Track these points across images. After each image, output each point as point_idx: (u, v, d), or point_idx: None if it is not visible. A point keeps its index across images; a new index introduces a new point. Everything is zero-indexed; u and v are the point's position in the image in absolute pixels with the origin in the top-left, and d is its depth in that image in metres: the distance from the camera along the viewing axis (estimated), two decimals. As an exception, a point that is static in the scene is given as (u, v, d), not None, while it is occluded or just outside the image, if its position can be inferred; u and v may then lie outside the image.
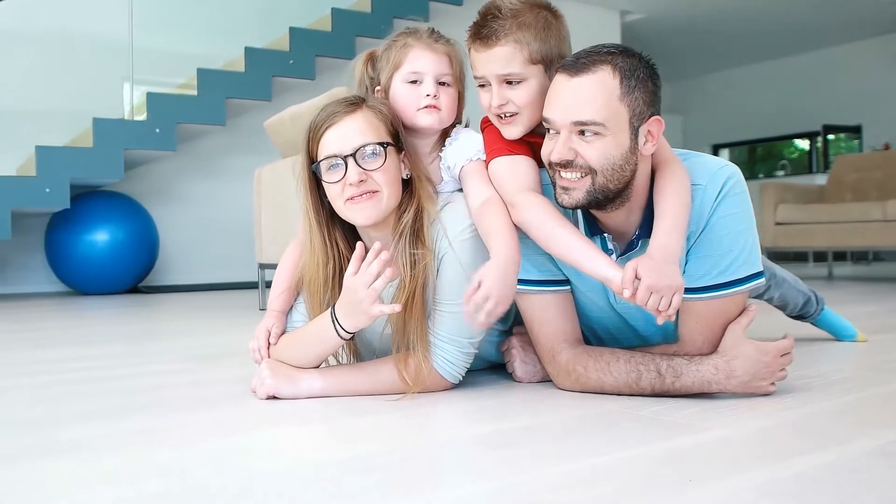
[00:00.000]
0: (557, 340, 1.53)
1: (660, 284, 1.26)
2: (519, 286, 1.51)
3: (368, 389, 1.52)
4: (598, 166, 1.35)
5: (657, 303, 1.27)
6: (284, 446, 1.22)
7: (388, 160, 1.46)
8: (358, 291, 1.40)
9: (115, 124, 4.77)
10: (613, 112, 1.34)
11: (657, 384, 1.44)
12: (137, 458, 1.14)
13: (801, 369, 1.76)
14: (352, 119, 1.46)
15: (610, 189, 1.37)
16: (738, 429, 1.24)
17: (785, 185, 5.76)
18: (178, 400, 1.58)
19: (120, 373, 1.91)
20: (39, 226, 5.01)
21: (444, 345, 1.51)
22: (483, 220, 1.44)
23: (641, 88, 1.36)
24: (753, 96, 10.00)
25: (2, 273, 5.16)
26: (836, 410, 1.37)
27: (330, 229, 1.54)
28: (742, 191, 1.44)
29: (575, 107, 1.34)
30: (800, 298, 2.07)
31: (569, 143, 1.36)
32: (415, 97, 1.53)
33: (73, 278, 4.92)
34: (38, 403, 1.56)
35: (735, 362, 1.41)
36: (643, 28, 8.31)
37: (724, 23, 8.28)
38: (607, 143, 1.34)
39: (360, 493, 0.96)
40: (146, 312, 3.77)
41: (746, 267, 1.45)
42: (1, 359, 2.20)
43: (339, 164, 1.45)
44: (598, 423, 1.30)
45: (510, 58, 1.45)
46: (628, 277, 1.27)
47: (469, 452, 1.17)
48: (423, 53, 1.53)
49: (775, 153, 10.59)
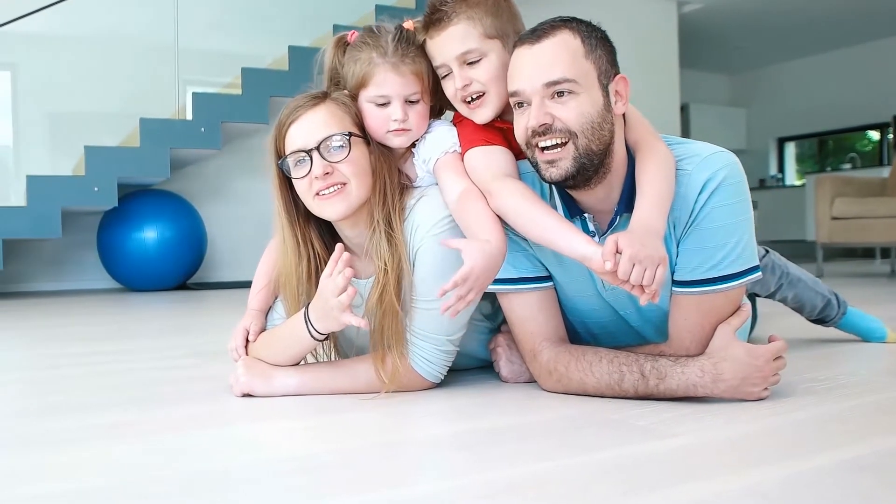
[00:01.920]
0: (538, 339, 1.47)
1: (641, 254, 1.19)
2: (497, 285, 1.47)
3: (345, 388, 1.49)
4: (577, 127, 1.31)
5: (640, 275, 1.20)
6: (249, 443, 1.21)
7: (353, 151, 1.43)
8: (328, 299, 1.37)
9: (161, 124, 4.88)
10: (581, 69, 1.31)
11: (640, 386, 1.37)
12: (91, 453, 1.13)
13: (812, 372, 1.66)
14: (314, 113, 1.44)
15: (594, 151, 1.32)
16: (706, 436, 1.16)
17: (843, 178, 5.51)
18: (159, 395, 1.58)
19: (120, 367, 1.93)
20: (92, 224, 5.16)
21: (421, 343, 1.47)
22: (464, 212, 1.39)
23: (602, 48, 1.35)
24: (819, 87, 9.60)
25: (57, 270, 5.34)
26: (826, 418, 1.28)
27: (303, 228, 1.51)
28: (737, 181, 1.35)
29: (543, 69, 1.32)
30: (818, 301, 1.95)
31: (543, 108, 1.32)
32: (383, 119, 1.48)
33: (123, 275, 5.05)
34: (26, 397, 1.58)
35: (723, 365, 1.33)
36: (701, 18, 8.08)
37: (786, 11, 7.98)
38: (582, 102, 1.31)
39: (322, 490, 0.94)
40: (186, 309, 3.84)
41: (740, 262, 1.36)
42: (15, 354, 2.26)
43: (304, 159, 1.43)
44: (564, 427, 1.24)
45: (465, 35, 1.43)
46: (608, 250, 1.21)
47: (429, 452, 1.15)
48: (388, 77, 1.46)
49: (846, 146, 10.15)
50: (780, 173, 10.36)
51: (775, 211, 9.09)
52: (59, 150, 5.29)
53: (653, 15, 7.55)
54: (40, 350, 2.35)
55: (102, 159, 4.65)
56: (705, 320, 1.38)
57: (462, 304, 1.28)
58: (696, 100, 9.85)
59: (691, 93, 9.59)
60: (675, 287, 1.40)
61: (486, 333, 1.65)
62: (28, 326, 3.06)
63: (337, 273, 1.36)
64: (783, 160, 10.42)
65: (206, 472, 1.03)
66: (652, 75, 7.50)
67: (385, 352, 1.46)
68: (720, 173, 1.33)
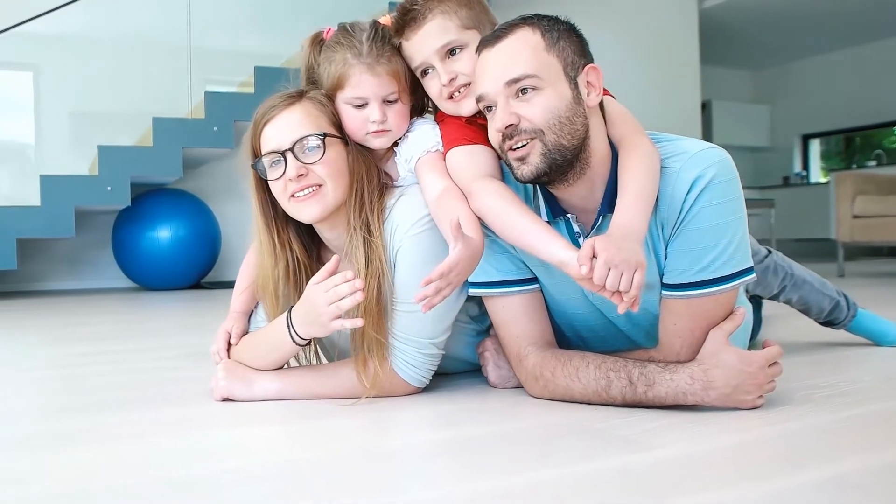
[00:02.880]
0: (524, 344, 1.42)
1: (617, 259, 1.14)
2: (481, 289, 1.43)
3: (327, 392, 1.45)
4: (543, 123, 1.26)
5: (616, 280, 1.14)
6: (226, 449, 1.18)
7: (328, 152, 1.39)
8: (319, 306, 1.34)
9: (173, 123, 4.88)
10: (543, 63, 1.27)
11: (628, 393, 1.31)
12: (60, 458, 1.11)
13: (814, 378, 1.60)
14: (289, 113, 1.40)
15: (565, 146, 1.27)
16: (692, 448, 1.11)
17: (865, 175, 5.38)
18: (136, 398, 1.56)
19: (109, 368, 1.92)
20: (107, 223, 5.18)
21: (402, 346, 1.43)
22: (442, 212, 1.35)
23: (566, 39, 1.30)
24: (845, 83, 9.40)
25: (73, 269, 5.37)
26: (820, 428, 1.21)
27: (280, 230, 1.48)
28: (728, 179, 1.29)
29: (503, 68, 1.28)
30: (825, 303, 1.88)
31: (508, 108, 1.27)
32: (361, 121, 1.44)
33: (138, 274, 5.06)
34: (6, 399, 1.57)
35: (714, 372, 1.27)
36: (723, 14, 7.94)
37: (810, 5, 7.82)
38: (547, 97, 1.26)
39: (297, 499, 0.92)
40: (198, 308, 3.83)
41: (732, 264, 1.30)
42: (14, 352, 2.25)
43: (279, 160, 1.39)
44: (545, 436, 1.19)
45: (443, 28, 1.40)
46: (584, 254, 1.16)
47: (408, 461, 1.12)
48: (364, 78, 1.42)
49: (874, 143, 9.94)
50: (804, 171, 10.18)
51: (799, 209, 8.92)
52: (77, 150, 5.31)
53: (673, 10, 7.44)
54: (48, 350, 2.35)
55: (115, 159, 4.67)
56: (696, 325, 1.32)
57: (438, 298, 1.24)
58: (718, 97, 9.71)
59: (713, 90, 9.45)
60: (664, 290, 1.35)
61: (473, 336, 1.61)
62: (35, 325, 3.07)
63: (332, 283, 1.32)
64: (807, 157, 10.24)
65: (179, 479, 1.01)
66: (672, 72, 7.39)
67: (367, 356, 1.42)
68: (709, 171, 1.27)
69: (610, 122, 1.36)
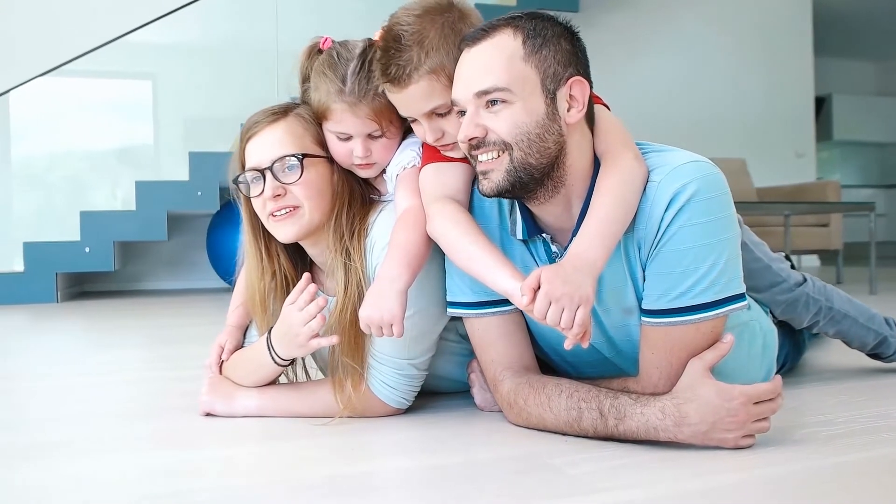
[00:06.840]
0: (499, 368, 1.35)
1: (558, 292, 1.06)
2: (458, 308, 1.37)
3: (306, 411, 1.44)
4: (510, 138, 1.18)
5: (557, 316, 1.07)
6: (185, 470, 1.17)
7: (307, 173, 1.37)
8: (294, 326, 1.33)
9: (259, 129, 5.03)
10: (518, 75, 1.17)
11: (599, 426, 1.22)
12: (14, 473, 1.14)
13: (833, 412, 1.44)
14: (272, 129, 1.38)
15: (532, 165, 1.18)
16: (645, 492, 1.01)
17: None
18: (127, 410, 1.60)
19: (128, 377, 1.99)
20: (202, 226, 5.41)
21: (380, 366, 1.39)
22: (393, 236, 1.32)
23: (552, 47, 1.19)
24: None
25: (171, 270, 5.65)
26: (805, 475, 1.08)
27: (268, 242, 1.47)
28: (713, 196, 1.17)
29: (474, 77, 1.19)
30: (868, 337, 1.69)
31: (475, 119, 1.19)
32: (346, 153, 1.39)
33: (229, 275, 5.24)
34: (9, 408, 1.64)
35: (687, 407, 1.16)
36: (840, 1, 7.44)
37: (940, -11, 7.21)
38: (515, 111, 1.17)
39: None
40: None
41: (715, 290, 1.18)
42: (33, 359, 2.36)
43: (258, 177, 1.38)
44: (495, 471, 1.13)
45: (429, 92, 1.28)
46: (528, 284, 1.09)
47: (366, 489, 1.07)
48: (345, 116, 1.36)
49: None
50: (938, 168, 9.40)
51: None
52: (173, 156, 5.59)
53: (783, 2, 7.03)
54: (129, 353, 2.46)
55: (205, 164, 4.85)
56: (674, 356, 1.21)
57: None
58: (839, 90, 9.10)
59: (833, 83, 8.87)
60: (642, 316, 1.25)
61: (463, 355, 1.55)
62: (126, 326, 3.23)
63: (304, 303, 1.31)
64: (942, 153, 9.45)
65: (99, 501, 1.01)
66: (783, 65, 6.98)
67: (342, 376, 1.40)
68: (690, 186, 1.16)
69: (596, 135, 1.27)
